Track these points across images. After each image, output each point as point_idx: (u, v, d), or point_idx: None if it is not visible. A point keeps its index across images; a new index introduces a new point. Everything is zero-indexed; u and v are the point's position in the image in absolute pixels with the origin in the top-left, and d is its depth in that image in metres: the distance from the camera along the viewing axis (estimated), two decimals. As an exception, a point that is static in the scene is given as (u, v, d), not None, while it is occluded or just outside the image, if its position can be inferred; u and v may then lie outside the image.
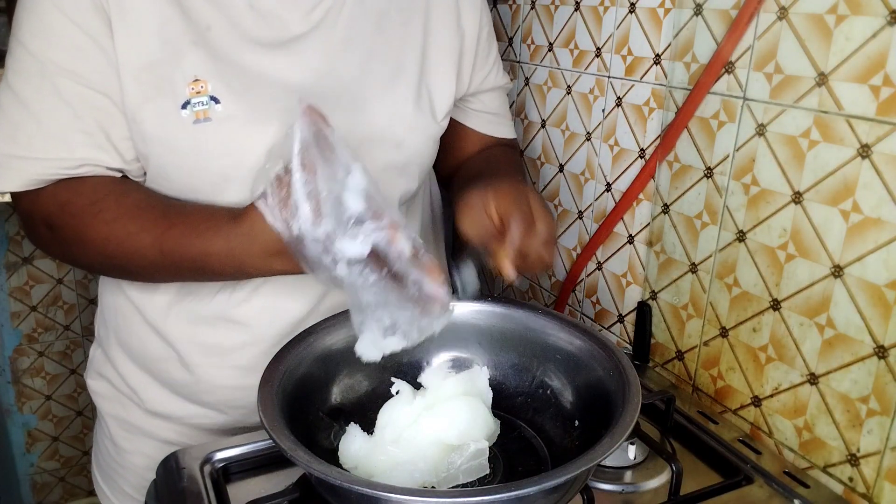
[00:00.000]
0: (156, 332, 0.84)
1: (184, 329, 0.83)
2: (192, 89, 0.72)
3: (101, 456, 0.97)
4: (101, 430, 0.96)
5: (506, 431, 0.73)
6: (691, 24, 0.82)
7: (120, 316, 0.87)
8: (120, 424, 0.92)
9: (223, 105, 0.73)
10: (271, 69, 0.75)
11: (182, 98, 0.72)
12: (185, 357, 0.83)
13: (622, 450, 0.75)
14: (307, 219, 0.57)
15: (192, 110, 0.72)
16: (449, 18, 0.87)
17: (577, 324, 0.74)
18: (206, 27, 0.73)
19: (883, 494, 0.68)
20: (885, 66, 0.63)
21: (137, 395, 0.88)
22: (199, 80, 0.72)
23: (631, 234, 0.97)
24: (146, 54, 0.71)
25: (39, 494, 1.88)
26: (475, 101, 0.94)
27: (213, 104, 0.72)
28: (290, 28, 0.76)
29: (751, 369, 0.81)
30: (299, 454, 0.55)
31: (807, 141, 0.71)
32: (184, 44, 0.72)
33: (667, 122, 0.88)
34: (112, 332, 0.89)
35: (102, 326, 0.92)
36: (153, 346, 0.85)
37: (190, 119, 0.72)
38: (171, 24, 0.72)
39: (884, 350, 0.66)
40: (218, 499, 0.68)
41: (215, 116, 0.73)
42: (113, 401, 0.92)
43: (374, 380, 0.76)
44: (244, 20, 0.75)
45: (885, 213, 0.65)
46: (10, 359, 1.74)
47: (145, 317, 0.84)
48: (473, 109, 0.95)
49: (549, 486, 0.53)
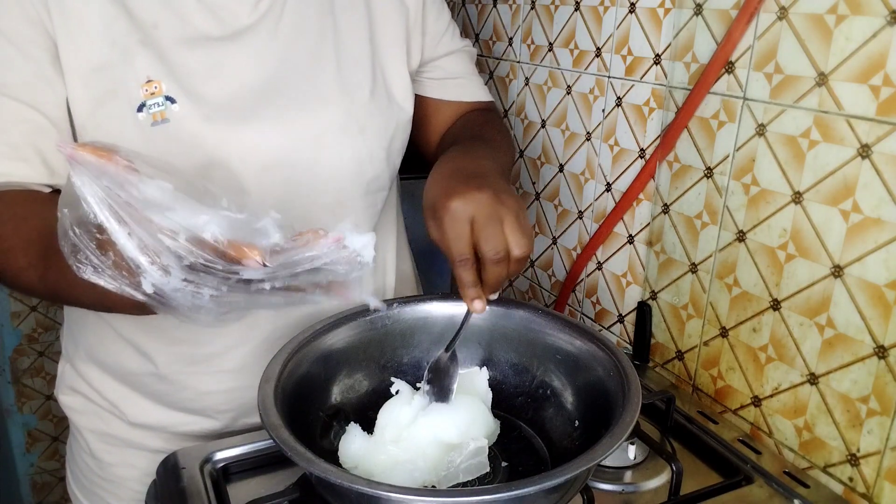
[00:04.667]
0: (131, 346, 0.81)
1: (162, 341, 0.80)
2: (146, 91, 0.70)
3: (80, 472, 0.93)
4: (77, 445, 0.92)
5: (506, 431, 0.73)
6: (691, 24, 0.82)
7: (90, 331, 0.84)
8: (100, 438, 0.88)
9: (179, 105, 0.71)
10: (224, 63, 0.74)
11: (136, 100, 0.70)
12: (167, 368, 0.81)
13: (622, 450, 0.75)
14: (154, 273, 0.48)
15: (148, 112, 0.70)
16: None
17: (577, 324, 0.74)
18: (153, 25, 0.71)
19: (883, 494, 0.68)
20: (885, 66, 0.63)
21: (118, 408, 0.85)
22: (151, 80, 0.70)
23: (631, 234, 0.97)
24: (94, 57, 0.69)
25: (39, 494, 1.87)
26: (433, 70, 0.92)
27: (169, 104, 0.71)
28: (239, 19, 0.75)
29: (751, 369, 0.81)
30: (299, 454, 0.55)
31: (807, 141, 0.71)
32: (131, 44, 0.70)
33: (667, 122, 0.88)
34: (82, 348, 0.86)
35: (70, 342, 0.88)
36: (129, 360, 0.82)
37: (147, 122, 0.70)
38: (116, 24, 0.70)
39: (884, 350, 0.66)
40: (218, 499, 0.68)
41: (173, 117, 0.71)
42: (90, 415, 0.88)
43: (374, 380, 0.76)
44: (192, 15, 0.73)
45: (885, 213, 0.65)
46: (10, 359, 1.74)
47: (118, 331, 0.81)
48: (434, 78, 0.92)
49: (549, 486, 0.53)
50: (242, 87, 0.74)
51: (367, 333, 0.76)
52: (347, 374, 0.75)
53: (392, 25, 0.85)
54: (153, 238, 0.48)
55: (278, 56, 0.77)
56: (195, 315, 0.51)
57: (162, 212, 0.48)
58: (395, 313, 0.77)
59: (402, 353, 0.78)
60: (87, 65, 0.69)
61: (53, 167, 0.70)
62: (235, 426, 0.85)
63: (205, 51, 0.73)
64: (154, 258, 0.48)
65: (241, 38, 0.75)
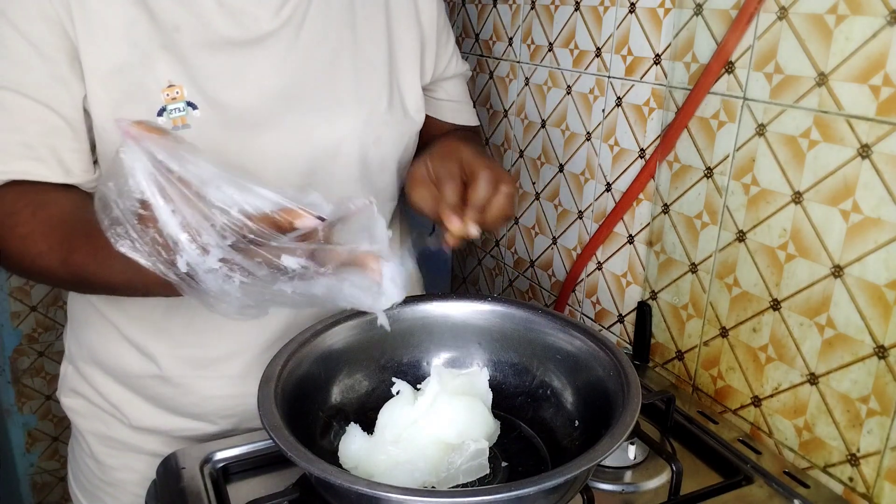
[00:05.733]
0: (135, 348, 0.81)
1: (167, 345, 0.80)
2: (167, 95, 0.70)
3: (82, 474, 0.93)
4: (79, 447, 0.92)
5: (506, 431, 0.73)
6: (691, 24, 0.82)
7: (93, 332, 0.84)
8: (101, 441, 0.88)
9: (201, 110, 0.71)
10: (245, 69, 0.74)
11: (157, 104, 0.70)
12: (169, 371, 0.81)
13: (622, 450, 0.75)
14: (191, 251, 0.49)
15: (168, 117, 0.70)
16: (408, 15, 0.86)
17: (577, 324, 0.74)
18: (174, 28, 0.71)
19: (883, 494, 0.68)
20: (885, 66, 0.63)
21: (120, 411, 0.85)
22: (173, 84, 0.70)
23: (631, 234, 0.97)
24: (114, 58, 0.69)
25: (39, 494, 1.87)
26: (437, 90, 0.94)
27: (190, 110, 0.71)
28: (260, 25, 0.75)
29: (751, 369, 0.81)
30: (299, 454, 0.55)
31: (807, 141, 0.71)
32: (153, 47, 0.70)
33: (667, 122, 0.88)
34: (85, 349, 0.86)
35: (74, 342, 0.88)
36: (133, 362, 0.82)
37: (167, 126, 0.70)
38: (138, 26, 0.70)
39: (884, 350, 0.66)
40: (218, 499, 0.68)
41: (194, 123, 0.71)
42: (91, 418, 0.88)
43: (374, 380, 0.76)
44: (214, 19, 0.73)
45: (885, 213, 0.65)
46: (10, 359, 1.74)
47: (122, 332, 0.81)
48: (436, 98, 0.94)
49: (549, 486, 0.53)
50: (263, 93, 0.75)
51: (366, 333, 0.76)
52: (347, 374, 0.75)
53: (408, 41, 0.86)
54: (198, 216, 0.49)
55: (299, 63, 0.77)
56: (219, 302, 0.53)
57: (218, 187, 0.50)
58: (395, 313, 0.77)
59: (402, 353, 0.78)
60: (106, 66, 0.69)
61: (69, 167, 0.70)
62: (238, 432, 0.85)
63: (226, 55, 0.73)
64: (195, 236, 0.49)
65: (263, 44, 0.75)
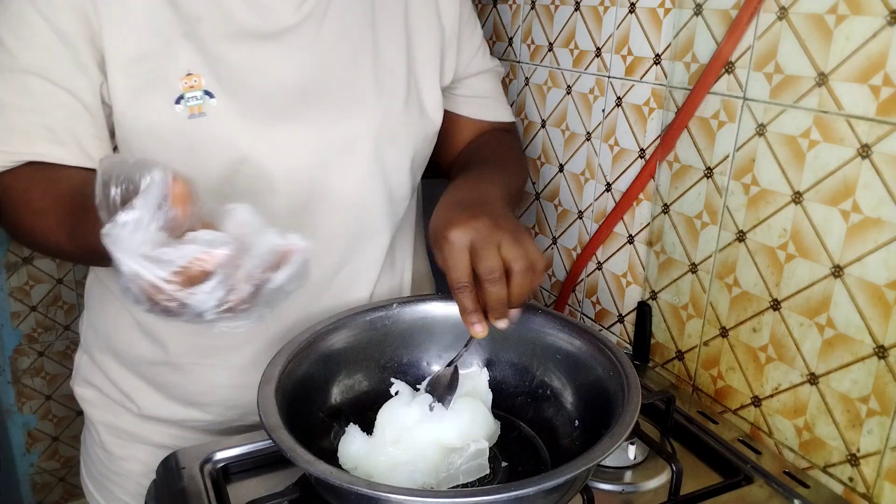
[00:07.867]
0: (147, 336, 0.83)
1: (177, 331, 0.81)
2: (185, 83, 0.71)
3: (93, 464, 0.95)
4: (91, 437, 0.94)
5: (506, 431, 0.73)
6: (691, 24, 0.82)
7: (109, 320, 0.86)
8: (111, 431, 0.90)
9: (217, 99, 0.72)
10: (265, 61, 0.75)
11: (175, 92, 0.71)
12: (180, 359, 0.83)
13: (622, 450, 0.75)
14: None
15: (186, 105, 0.71)
16: (429, 14, 0.87)
17: (577, 324, 0.74)
18: (197, 18, 0.72)
19: (883, 494, 0.68)
20: (885, 66, 0.63)
21: (131, 399, 0.87)
22: (192, 74, 0.71)
23: (631, 234, 0.97)
24: (136, 46, 0.70)
25: (39, 494, 1.88)
26: (462, 87, 0.94)
27: (207, 99, 0.71)
28: (281, 19, 0.76)
29: (751, 369, 0.81)
30: (299, 454, 0.55)
31: (807, 141, 0.71)
32: (175, 36, 0.71)
33: (667, 122, 0.88)
34: (102, 337, 0.88)
35: (90, 331, 0.90)
36: (145, 350, 0.84)
37: (184, 114, 0.71)
38: (160, 15, 0.71)
39: (884, 350, 0.66)
40: (218, 499, 0.68)
41: (210, 111, 0.72)
42: (102, 408, 0.90)
43: (373, 380, 0.76)
44: (236, 11, 0.74)
45: (885, 213, 0.65)
46: (10, 359, 1.74)
47: (136, 318, 0.83)
48: (461, 95, 0.94)
49: (549, 486, 0.53)
50: (281, 86, 0.75)
51: (366, 334, 0.76)
52: (347, 374, 0.75)
53: (428, 41, 0.86)
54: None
55: (318, 59, 0.78)
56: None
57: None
58: (395, 314, 0.77)
59: (401, 354, 0.78)
60: (128, 54, 0.70)
61: (88, 151, 0.72)
62: (244, 422, 0.87)
63: (247, 47, 0.74)
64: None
65: (283, 38, 0.76)
